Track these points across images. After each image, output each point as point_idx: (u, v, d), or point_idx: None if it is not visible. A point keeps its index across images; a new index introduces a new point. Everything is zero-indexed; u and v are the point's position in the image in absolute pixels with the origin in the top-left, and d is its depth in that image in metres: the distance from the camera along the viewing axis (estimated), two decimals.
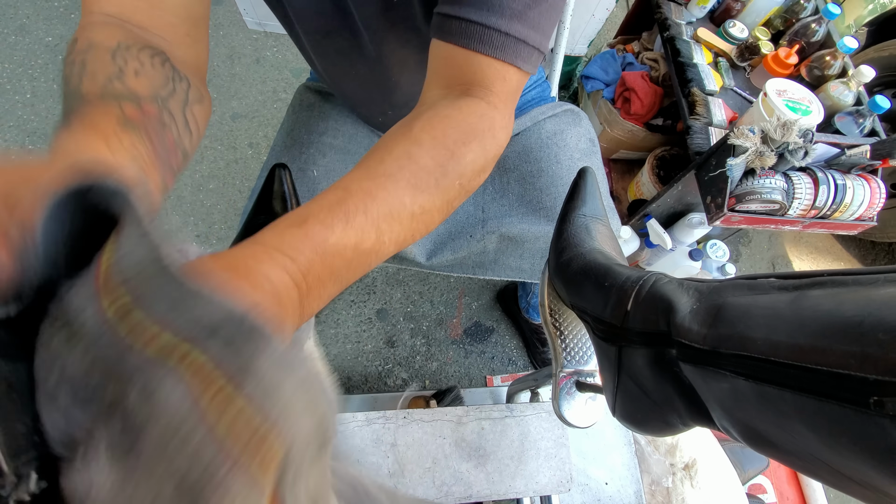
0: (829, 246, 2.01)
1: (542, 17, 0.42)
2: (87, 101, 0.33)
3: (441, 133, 0.39)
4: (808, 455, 0.24)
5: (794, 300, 0.27)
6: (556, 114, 0.85)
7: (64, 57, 0.38)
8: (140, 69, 0.37)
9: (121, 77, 0.35)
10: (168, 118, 0.37)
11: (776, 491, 1.24)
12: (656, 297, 0.36)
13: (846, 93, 1.11)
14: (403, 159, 0.37)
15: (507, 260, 0.82)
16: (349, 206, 0.32)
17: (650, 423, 0.39)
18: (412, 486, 0.60)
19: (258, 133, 1.70)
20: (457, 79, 0.44)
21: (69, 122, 0.31)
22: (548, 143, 0.81)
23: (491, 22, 0.40)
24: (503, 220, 0.78)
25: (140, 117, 0.34)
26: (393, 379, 1.40)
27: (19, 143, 1.53)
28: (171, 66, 0.40)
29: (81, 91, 0.34)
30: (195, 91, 0.42)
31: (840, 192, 0.98)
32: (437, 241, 0.81)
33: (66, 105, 0.34)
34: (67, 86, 0.35)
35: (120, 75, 0.35)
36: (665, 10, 1.33)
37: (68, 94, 0.35)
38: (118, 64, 0.36)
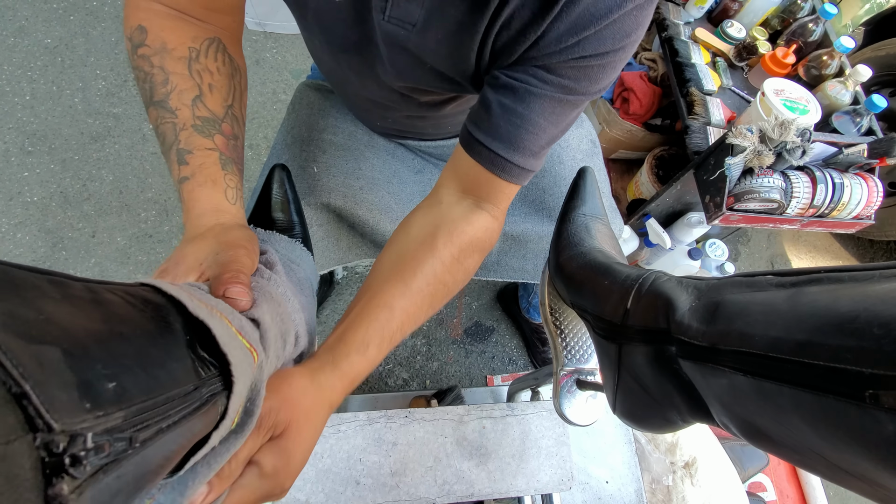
0: (828, 244, 2.02)
1: (548, 151, 0.52)
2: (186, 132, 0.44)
3: (457, 250, 0.50)
4: (806, 449, 0.25)
5: (791, 296, 0.27)
6: None
7: (130, 40, 0.46)
8: (212, 81, 0.47)
9: (202, 98, 0.46)
10: (237, 128, 0.49)
11: (776, 489, 1.24)
12: (656, 295, 0.37)
13: (843, 92, 1.12)
14: (430, 277, 0.48)
15: (510, 261, 0.82)
16: (394, 326, 0.45)
17: (650, 420, 0.39)
18: (414, 485, 0.60)
19: (258, 134, 1.70)
20: (473, 190, 0.53)
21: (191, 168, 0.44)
22: None
23: (514, 159, 0.49)
24: (506, 219, 0.78)
25: (225, 145, 0.46)
26: (394, 379, 1.40)
27: (19, 145, 1.53)
28: (228, 57, 0.50)
29: (171, 106, 0.44)
30: (243, 78, 0.53)
31: (838, 191, 0.98)
32: None
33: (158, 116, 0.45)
34: (153, 90, 0.45)
35: (200, 97, 0.46)
36: (663, 11, 1.34)
37: (157, 102, 0.45)
38: (196, 81, 0.46)
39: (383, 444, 0.62)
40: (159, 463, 0.22)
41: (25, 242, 1.42)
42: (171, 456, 0.23)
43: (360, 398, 1.10)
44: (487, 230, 0.53)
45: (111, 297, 0.22)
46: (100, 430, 0.17)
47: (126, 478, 0.19)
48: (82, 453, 0.16)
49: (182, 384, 0.23)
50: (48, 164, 1.53)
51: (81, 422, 0.16)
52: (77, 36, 1.75)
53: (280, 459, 0.34)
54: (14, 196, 1.47)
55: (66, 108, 1.62)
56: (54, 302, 0.18)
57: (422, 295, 0.47)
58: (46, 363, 0.16)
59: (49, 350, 0.16)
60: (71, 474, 0.15)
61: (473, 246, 0.52)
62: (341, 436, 0.62)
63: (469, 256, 0.51)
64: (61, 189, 1.50)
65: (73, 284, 0.20)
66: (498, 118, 0.48)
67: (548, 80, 0.46)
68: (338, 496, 0.59)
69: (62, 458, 0.15)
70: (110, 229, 1.48)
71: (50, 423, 0.15)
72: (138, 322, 0.23)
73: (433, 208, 0.53)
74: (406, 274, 0.47)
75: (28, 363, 0.15)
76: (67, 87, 1.65)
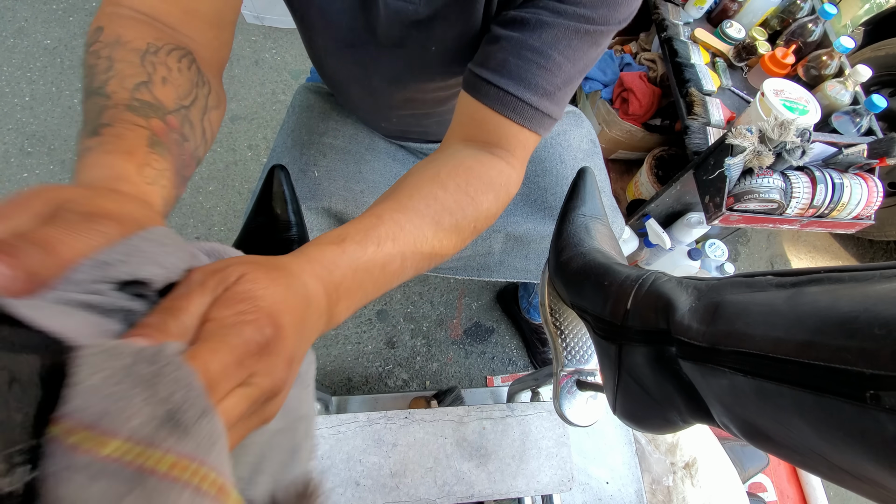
0: (828, 245, 2.02)
1: (566, 95, 0.48)
2: (116, 109, 0.34)
3: (464, 182, 0.45)
4: (807, 449, 0.25)
5: (791, 297, 0.27)
6: None
7: (86, 43, 0.38)
8: (167, 76, 0.38)
9: (148, 85, 0.36)
10: (188, 130, 0.39)
11: (776, 489, 1.24)
12: (656, 296, 0.37)
13: (843, 92, 1.12)
14: (430, 199, 0.42)
15: (512, 261, 0.82)
16: (381, 232, 0.37)
17: (650, 421, 0.39)
18: (414, 486, 0.60)
19: (257, 135, 1.70)
20: (482, 137, 0.48)
21: (102, 139, 0.32)
22: (552, 143, 0.81)
23: (526, 97, 0.45)
24: (508, 219, 0.78)
25: (165, 133, 0.36)
26: (393, 380, 1.40)
27: (18, 146, 1.53)
28: (196, 69, 0.41)
29: (107, 91, 0.35)
30: (214, 96, 0.43)
31: (837, 191, 0.98)
32: None
33: (90, 103, 0.35)
34: (92, 80, 0.36)
35: (148, 83, 0.36)
36: (662, 11, 1.34)
37: (93, 90, 0.35)
38: (147, 70, 0.37)
39: (383, 445, 0.62)
40: None
41: None
42: None
43: (359, 399, 1.10)
44: (501, 173, 0.47)
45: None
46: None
47: None
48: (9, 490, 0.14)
49: None
50: (48, 165, 1.53)
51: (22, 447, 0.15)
52: (76, 37, 1.75)
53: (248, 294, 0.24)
54: None
55: (66, 109, 1.62)
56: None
57: (419, 215, 0.40)
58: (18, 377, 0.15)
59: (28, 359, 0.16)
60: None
61: (486, 185, 0.46)
62: (341, 437, 0.62)
63: (482, 194, 0.45)
64: None
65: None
66: (506, 52, 0.44)
67: (561, 11, 0.42)
68: (338, 497, 0.59)
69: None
70: None
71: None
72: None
73: (433, 158, 0.48)
74: (401, 196, 0.42)
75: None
76: (67, 88, 1.65)
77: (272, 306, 0.24)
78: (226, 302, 0.23)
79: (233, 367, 0.22)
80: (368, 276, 0.35)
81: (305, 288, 0.29)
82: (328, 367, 1.39)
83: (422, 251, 0.40)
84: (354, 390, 1.37)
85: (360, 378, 1.39)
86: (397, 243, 0.38)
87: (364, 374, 1.40)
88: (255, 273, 0.25)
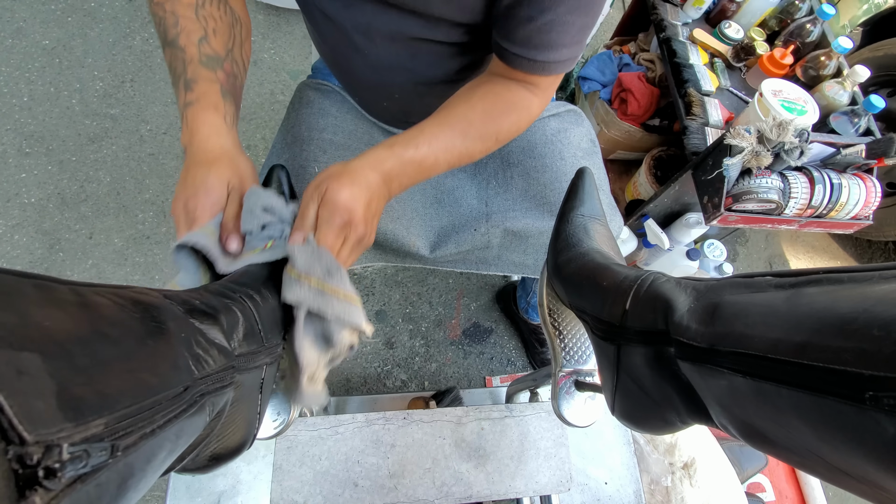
0: (826, 245, 2.02)
1: (584, 37, 0.57)
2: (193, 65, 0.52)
3: (491, 105, 0.58)
4: (805, 451, 0.25)
5: (790, 297, 0.27)
6: (559, 112, 0.86)
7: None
8: (216, 27, 0.55)
9: (207, 39, 0.54)
10: (236, 69, 0.57)
11: (775, 489, 1.24)
12: (654, 296, 0.36)
13: (841, 92, 1.12)
14: (461, 117, 0.57)
15: (511, 255, 0.82)
16: (420, 140, 0.55)
17: (649, 422, 0.39)
18: (412, 487, 0.60)
19: (256, 135, 1.70)
20: (512, 77, 0.60)
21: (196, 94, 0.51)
22: (552, 140, 0.82)
23: (551, 58, 0.56)
24: (507, 213, 0.78)
25: (226, 80, 0.54)
26: (392, 380, 1.40)
27: (16, 146, 1.53)
28: (229, 9, 0.58)
29: (180, 44, 0.52)
30: (244, 28, 0.60)
31: (836, 192, 0.99)
32: (441, 234, 0.81)
33: (170, 53, 0.53)
34: (166, 32, 0.53)
35: (205, 38, 0.54)
36: (661, 12, 1.34)
37: (168, 41, 0.53)
38: (202, 24, 0.54)
39: (381, 446, 0.62)
40: (142, 468, 0.21)
41: (23, 244, 1.42)
42: (157, 462, 0.23)
43: (358, 399, 1.10)
44: (524, 98, 0.60)
45: (98, 300, 0.22)
46: (78, 440, 0.16)
47: (107, 486, 0.18)
48: (57, 465, 0.15)
49: (171, 386, 0.23)
50: (45, 166, 1.52)
51: (58, 431, 0.15)
52: (75, 37, 1.74)
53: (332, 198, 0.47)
54: (11, 197, 1.46)
55: (64, 110, 1.62)
56: (38, 306, 0.18)
57: (451, 128, 0.56)
58: (25, 371, 0.15)
59: (29, 357, 0.16)
60: (45, 486, 0.15)
61: (509, 107, 0.59)
62: (339, 437, 0.62)
63: (504, 115, 0.59)
64: (59, 190, 1.50)
65: (58, 288, 0.20)
66: (526, 28, 0.53)
67: None
68: (336, 498, 0.59)
69: (36, 470, 0.15)
70: (107, 231, 1.47)
71: (23, 435, 0.14)
72: (126, 324, 0.22)
73: (473, 84, 0.61)
74: (441, 112, 0.58)
75: (5, 372, 0.14)
76: (65, 89, 1.65)
77: (346, 202, 0.47)
78: (323, 205, 0.47)
79: (334, 237, 0.47)
80: (411, 167, 0.54)
81: (367, 179, 0.50)
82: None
83: (452, 152, 0.57)
84: (353, 391, 1.37)
85: (359, 379, 1.39)
86: (432, 147, 0.55)
87: (363, 374, 1.39)
88: (334, 184, 0.47)
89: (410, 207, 0.81)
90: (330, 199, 0.47)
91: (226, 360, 0.30)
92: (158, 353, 0.23)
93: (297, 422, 0.62)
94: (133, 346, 0.22)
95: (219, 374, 0.29)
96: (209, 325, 0.31)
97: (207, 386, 0.27)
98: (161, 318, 0.25)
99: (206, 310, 0.31)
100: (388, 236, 0.76)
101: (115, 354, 0.20)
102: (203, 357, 0.27)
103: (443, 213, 0.83)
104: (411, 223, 0.80)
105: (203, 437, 0.30)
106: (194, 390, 0.25)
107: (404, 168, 0.53)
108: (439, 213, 0.83)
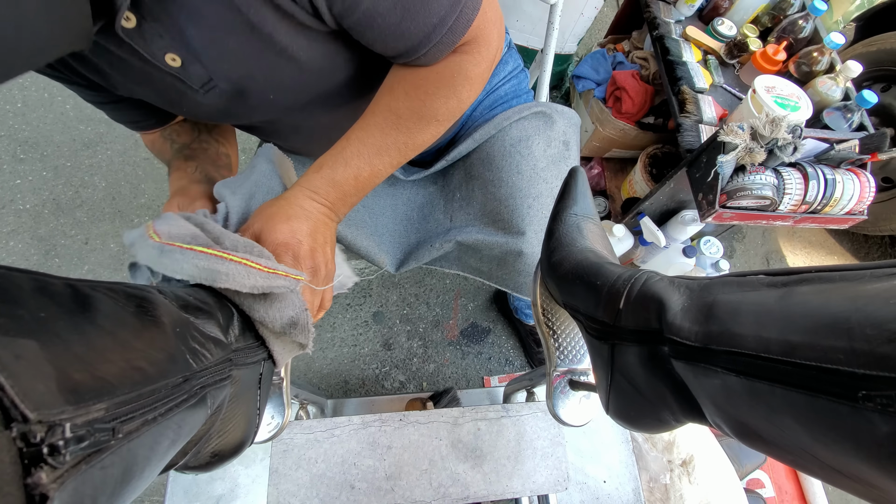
0: (823, 240, 2.02)
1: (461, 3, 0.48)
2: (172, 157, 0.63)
3: (413, 86, 0.52)
4: (799, 449, 0.25)
5: (782, 297, 0.27)
6: (523, 117, 0.79)
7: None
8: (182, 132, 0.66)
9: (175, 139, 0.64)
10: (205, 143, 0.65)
11: (774, 485, 1.24)
12: (648, 296, 0.36)
13: (834, 88, 1.12)
14: (385, 111, 0.52)
15: (468, 260, 0.82)
16: (347, 153, 0.51)
17: (643, 420, 0.39)
18: (409, 489, 0.60)
19: (253, 138, 1.69)
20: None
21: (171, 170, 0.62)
22: (510, 152, 0.77)
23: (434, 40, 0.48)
24: (464, 229, 0.77)
25: (191, 152, 0.63)
26: (390, 381, 1.40)
27: (10, 152, 1.52)
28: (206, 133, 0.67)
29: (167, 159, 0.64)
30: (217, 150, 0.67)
31: (830, 187, 0.99)
32: (406, 251, 0.82)
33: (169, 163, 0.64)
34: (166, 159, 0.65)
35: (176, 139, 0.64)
36: (654, 9, 1.34)
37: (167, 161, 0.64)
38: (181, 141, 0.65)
39: (378, 448, 0.62)
40: (146, 456, 0.22)
41: (18, 250, 1.41)
42: (160, 451, 0.23)
43: (355, 402, 1.10)
44: (451, 64, 0.52)
45: (93, 294, 0.22)
46: (80, 422, 0.17)
47: (111, 470, 0.19)
48: (60, 443, 0.16)
49: (169, 376, 0.23)
50: (40, 172, 1.52)
51: (60, 413, 0.16)
52: None
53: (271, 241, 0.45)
54: (6, 204, 1.46)
55: (58, 115, 1.61)
56: (34, 297, 0.18)
57: (379, 127, 0.52)
58: (23, 356, 0.16)
59: (26, 343, 0.16)
60: (50, 464, 0.15)
61: (436, 83, 0.52)
62: (335, 440, 0.62)
63: (434, 92, 0.52)
64: (54, 196, 1.49)
65: (53, 282, 0.21)
66: (382, 29, 0.46)
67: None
68: (332, 501, 0.58)
69: (40, 447, 0.15)
70: (103, 236, 1.47)
71: (25, 413, 0.15)
72: (121, 316, 0.23)
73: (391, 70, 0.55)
74: (365, 115, 0.53)
75: (3, 355, 0.15)
76: (59, 94, 1.64)
77: (285, 239, 0.45)
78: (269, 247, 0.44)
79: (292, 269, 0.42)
80: (347, 186, 0.51)
81: (303, 209, 0.48)
82: (324, 371, 1.38)
83: (388, 153, 0.52)
84: (351, 393, 1.37)
85: (357, 380, 1.38)
86: (363, 156, 0.51)
87: (360, 376, 1.39)
88: (266, 225, 0.45)
89: (382, 224, 0.82)
90: (269, 242, 0.44)
91: (223, 352, 0.30)
92: (154, 344, 0.24)
93: (293, 425, 0.62)
94: (128, 336, 0.22)
95: (217, 366, 0.29)
96: (204, 320, 0.31)
97: (207, 379, 0.27)
98: (155, 313, 0.25)
99: (201, 305, 0.32)
100: (362, 252, 0.77)
101: (111, 344, 0.21)
102: (200, 351, 0.28)
103: (411, 231, 0.83)
104: (382, 240, 0.81)
105: (203, 431, 0.31)
106: (194, 382, 0.26)
107: (340, 187, 0.50)
108: (408, 231, 0.83)
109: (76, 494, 0.16)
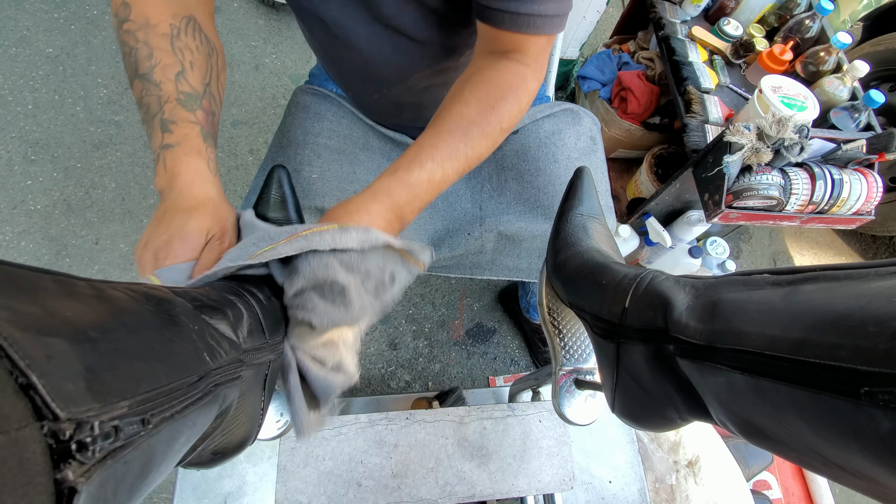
0: (830, 241, 2.01)
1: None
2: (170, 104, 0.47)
3: (484, 94, 0.55)
4: (803, 447, 0.25)
5: (787, 295, 0.27)
6: (553, 113, 0.85)
7: (115, 16, 0.50)
8: (193, 59, 0.50)
9: (184, 74, 0.49)
10: (214, 105, 0.52)
11: (781, 487, 1.24)
12: (653, 294, 0.37)
13: (841, 88, 1.12)
14: (457, 118, 0.54)
15: (504, 260, 0.82)
16: (422, 157, 0.52)
17: (649, 419, 0.39)
18: (415, 487, 0.60)
19: (258, 139, 1.71)
20: (500, 49, 0.57)
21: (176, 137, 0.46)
22: (546, 143, 0.81)
23: (533, 10, 0.52)
24: (500, 217, 0.78)
25: (205, 120, 0.50)
26: (396, 381, 1.40)
27: (21, 154, 1.54)
28: (203, 36, 0.53)
29: (155, 79, 0.47)
30: (220, 58, 0.56)
31: (837, 187, 0.98)
32: (435, 238, 0.81)
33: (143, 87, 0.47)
34: (138, 64, 0.48)
35: (184, 72, 0.49)
36: (660, 10, 1.34)
37: (141, 75, 0.47)
38: (178, 57, 0.49)
39: (384, 446, 0.62)
40: (163, 452, 0.22)
41: (29, 250, 1.43)
42: (176, 447, 0.24)
43: (362, 400, 1.10)
44: (518, 74, 0.56)
45: (115, 293, 0.23)
46: (106, 419, 0.17)
47: (132, 464, 0.19)
48: (89, 440, 0.16)
49: (188, 374, 0.24)
50: (51, 173, 1.54)
51: (87, 410, 0.17)
52: (78, 45, 1.76)
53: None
54: (17, 204, 1.48)
55: (69, 117, 1.63)
56: (58, 298, 0.19)
57: (450, 134, 0.53)
58: (53, 355, 0.16)
59: (55, 342, 0.17)
60: (78, 460, 0.16)
61: (504, 91, 0.55)
62: (342, 438, 0.62)
63: (502, 100, 0.55)
64: (64, 197, 1.51)
65: (76, 282, 0.21)
66: None
67: None
68: (340, 498, 0.59)
69: (69, 444, 0.16)
70: (113, 236, 1.48)
71: (56, 412, 0.15)
72: (142, 315, 0.23)
73: (461, 79, 0.58)
74: (436, 121, 0.54)
75: (35, 355, 0.15)
76: (69, 96, 1.66)
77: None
78: None
79: None
80: (419, 188, 0.51)
81: (368, 214, 0.48)
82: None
83: (458, 159, 0.53)
84: (357, 392, 1.37)
85: (363, 380, 1.39)
86: (436, 160, 0.52)
87: (366, 375, 1.40)
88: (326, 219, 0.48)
89: None
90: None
91: (235, 352, 0.31)
92: (174, 342, 0.24)
93: None
94: (150, 335, 0.23)
95: (230, 365, 0.30)
96: (218, 320, 0.31)
97: (219, 377, 0.28)
98: (173, 312, 0.26)
99: (214, 305, 0.32)
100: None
101: (133, 342, 0.21)
102: (216, 348, 0.28)
103: (437, 218, 0.83)
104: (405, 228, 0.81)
105: (210, 431, 0.31)
106: (208, 380, 0.26)
107: (414, 191, 0.51)
108: (433, 217, 0.83)
109: (101, 487, 0.17)
